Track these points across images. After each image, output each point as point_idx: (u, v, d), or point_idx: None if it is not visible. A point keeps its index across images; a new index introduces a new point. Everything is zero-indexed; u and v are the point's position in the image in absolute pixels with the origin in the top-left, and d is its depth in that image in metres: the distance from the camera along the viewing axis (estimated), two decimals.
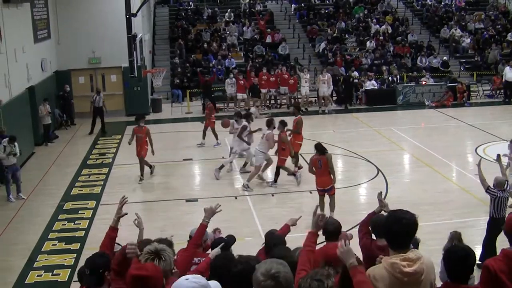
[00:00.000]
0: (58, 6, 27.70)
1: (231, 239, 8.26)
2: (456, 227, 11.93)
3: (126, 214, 6.98)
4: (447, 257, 5.60)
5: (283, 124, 17.84)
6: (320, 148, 15.09)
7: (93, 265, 6.13)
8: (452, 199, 16.50)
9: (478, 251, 11.42)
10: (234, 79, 29.15)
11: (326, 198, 15.06)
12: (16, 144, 17.30)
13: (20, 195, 17.47)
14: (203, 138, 22.62)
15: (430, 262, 4.99)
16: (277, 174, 17.95)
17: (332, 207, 14.92)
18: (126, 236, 7.10)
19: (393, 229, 4.95)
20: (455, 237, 9.48)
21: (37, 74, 24.36)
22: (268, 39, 36.12)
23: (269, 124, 18.11)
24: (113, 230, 6.86)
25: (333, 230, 7.80)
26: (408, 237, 4.99)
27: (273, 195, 17.14)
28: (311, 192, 16.89)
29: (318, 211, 5.96)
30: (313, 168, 15.02)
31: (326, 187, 14.94)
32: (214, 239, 7.78)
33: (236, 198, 17.25)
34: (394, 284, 4.80)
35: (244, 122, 19.23)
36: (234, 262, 4.95)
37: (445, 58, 34.69)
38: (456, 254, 5.49)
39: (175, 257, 7.04)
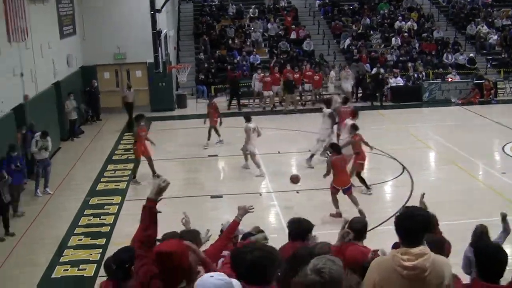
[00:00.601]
0: (83, 2, 27.88)
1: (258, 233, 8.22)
2: None
3: (160, 212, 6.94)
4: (478, 254, 5.54)
5: (354, 128, 17.38)
6: (338, 148, 15.11)
7: (119, 260, 6.17)
8: (479, 198, 16.35)
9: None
10: (262, 74, 29.09)
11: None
12: (48, 138, 17.56)
13: (47, 190, 17.63)
14: (219, 135, 22.41)
15: (442, 262, 4.88)
16: (363, 180, 17.09)
17: (355, 202, 14.82)
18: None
19: (405, 225, 4.90)
20: (480, 230, 9.33)
21: (63, 70, 24.53)
22: (293, 35, 36.04)
23: (354, 115, 18.72)
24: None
25: (359, 229, 7.68)
26: (419, 234, 4.89)
27: (297, 192, 17.01)
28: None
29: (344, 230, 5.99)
30: (332, 169, 15.00)
31: (346, 186, 14.97)
32: (243, 234, 7.75)
33: (261, 194, 17.24)
34: (394, 277, 4.77)
35: (326, 109, 19.82)
36: (249, 248, 4.91)
37: (471, 55, 34.34)
38: (487, 251, 5.42)
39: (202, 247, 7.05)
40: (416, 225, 4.85)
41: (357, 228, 7.61)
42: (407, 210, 5.08)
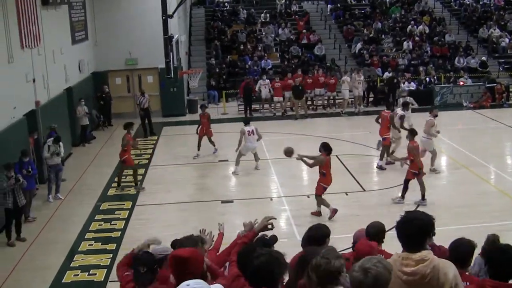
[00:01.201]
0: (95, 8, 28.05)
1: (273, 239, 8.23)
2: (495, 230, 11.70)
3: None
4: (491, 256, 5.53)
5: (412, 133, 16.62)
6: (329, 149, 15.27)
7: (149, 262, 6.15)
8: (490, 202, 16.26)
9: None
10: (267, 80, 29.08)
11: None
12: (61, 144, 17.67)
13: (58, 195, 17.70)
14: (198, 149, 21.94)
15: (445, 266, 4.84)
16: (405, 190, 16.39)
17: (319, 204, 15.60)
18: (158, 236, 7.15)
19: (403, 229, 4.89)
20: (492, 239, 9.28)
21: (75, 75, 24.66)
22: (304, 40, 36.04)
23: (431, 111, 19.84)
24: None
25: (375, 233, 7.73)
26: (418, 238, 4.86)
27: (308, 197, 16.99)
28: (347, 194, 16.83)
29: None
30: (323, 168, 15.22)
31: (330, 184, 15.49)
32: (257, 238, 7.73)
33: (271, 199, 17.24)
34: (395, 281, 4.74)
35: (401, 111, 20.24)
36: (256, 253, 4.95)
37: (483, 58, 34.21)
38: (504, 254, 5.42)
39: (206, 253, 7.05)
40: (414, 229, 4.83)
41: (372, 233, 7.68)
42: (405, 215, 5.07)
